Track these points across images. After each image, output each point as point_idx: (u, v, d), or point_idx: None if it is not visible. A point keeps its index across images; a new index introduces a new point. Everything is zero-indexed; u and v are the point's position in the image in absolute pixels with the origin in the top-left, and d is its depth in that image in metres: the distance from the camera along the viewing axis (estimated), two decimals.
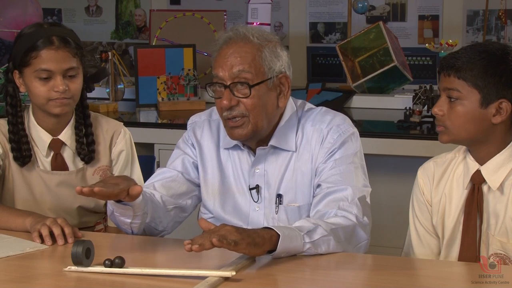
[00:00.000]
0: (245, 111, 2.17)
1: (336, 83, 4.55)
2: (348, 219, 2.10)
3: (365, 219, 2.14)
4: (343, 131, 2.23)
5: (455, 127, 2.05)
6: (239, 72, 2.15)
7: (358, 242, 2.12)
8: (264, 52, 2.17)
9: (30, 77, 2.34)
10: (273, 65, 2.18)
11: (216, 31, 4.56)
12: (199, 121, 2.39)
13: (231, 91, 2.16)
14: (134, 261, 1.92)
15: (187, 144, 2.37)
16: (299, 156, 2.24)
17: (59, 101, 2.34)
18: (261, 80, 2.17)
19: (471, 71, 2.01)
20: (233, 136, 2.21)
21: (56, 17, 5.56)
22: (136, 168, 2.55)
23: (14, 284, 1.84)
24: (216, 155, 2.32)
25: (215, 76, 2.20)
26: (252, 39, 2.18)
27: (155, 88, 4.24)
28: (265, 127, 2.21)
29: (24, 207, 2.38)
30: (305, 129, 2.26)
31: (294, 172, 2.24)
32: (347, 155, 2.21)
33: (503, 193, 2.07)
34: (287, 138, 2.25)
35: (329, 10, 5.03)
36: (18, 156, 2.39)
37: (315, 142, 2.23)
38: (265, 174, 2.26)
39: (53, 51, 2.33)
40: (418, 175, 2.23)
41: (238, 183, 2.29)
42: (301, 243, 1.97)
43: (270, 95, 2.20)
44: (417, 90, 3.76)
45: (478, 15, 4.72)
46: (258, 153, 2.26)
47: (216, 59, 2.20)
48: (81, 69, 2.39)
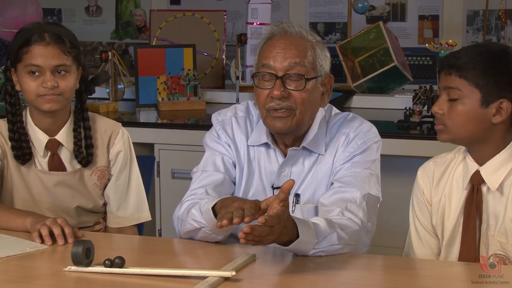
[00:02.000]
0: (294, 104, 2.15)
1: (336, 83, 4.52)
2: (355, 223, 2.09)
3: (369, 225, 2.14)
4: (368, 138, 2.24)
5: (455, 126, 2.05)
6: (295, 64, 2.14)
7: (361, 248, 2.12)
8: (317, 50, 2.18)
9: (21, 72, 2.35)
10: (324, 63, 2.20)
11: (216, 31, 4.57)
12: (226, 118, 2.34)
13: (283, 82, 2.14)
14: (134, 261, 1.92)
15: (221, 144, 2.32)
16: (323, 158, 2.24)
17: (47, 98, 2.33)
18: (314, 75, 2.17)
19: (473, 70, 2.01)
20: (275, 127, 2.18)
21: (56, 17, 5.56)
22: (135, 169, 2.55)
23: (14, 284, 1.84)
24: (247, 151, 2.29)
25: (263, 65, 2.17)
26: (306, 35, 2.18)
27: (155, 88, 4.24)
28: (306, 124, 2.21)
29: (23, 207, 2.38)
30: (332, 133, 2.26)
31: (314, 173, 2.24)
32: (366, 160, 2.21)
33: (502, 193, 2.07)
34: (318, 141, 2.24)
35: (329, 10, 5.03)
36: (19, 154, 2.39)
37: (340, 146, 2.23)
38: (291, 175, 2.25)
39: (43, 47, 2.32)
40: (418, 175, 2.23)
41: (262, 181, 2.27)
42: (310, 249, 1.98)
43: (318, 92, 2.20)
44: (417, 90, 3.76)
45: (478, 15, 4.72)
46: (290, 153, 2.24)
47: (265, 48, 2.18)
48: (75, 68, 2.38)
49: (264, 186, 2.27)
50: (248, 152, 2.29)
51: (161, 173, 3.74)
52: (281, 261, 1.98)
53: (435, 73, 4.42)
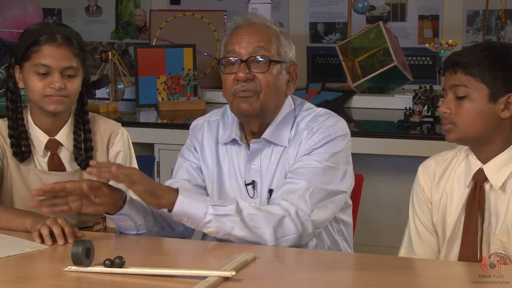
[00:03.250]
0: (258, 87, 2.19)
1: (336, 83, 4.56)
2: (281, 209, 2.09)
3: (311, 216, 2.11)
4: (330, 132, 2.22)
5: (464, 124, 2.03)
6: (259, 48, 2.19)
7: (283, 234, 2.09)
8: (281, 37, 2.24)
9: (29, 71, 2.35)
10: (288, 51, 2.25)
11: (216, 31, 4.57)
12: (198, 124, 2.40)
13: (248, 66, 2.18)
14: (134, 261, 1.92)
15: (190, 150, 2.37)
16: (288, 151, 2.25)
17: (54, 98, 2.34)
18: (279, 59, 2.21)
19: (478, 66, 2.00)
20: (240, 108, 2.20)
21: (56, 17, 5.56)
22: None
23: (14, 284, 1.84)
24: (215, 151, 2.33)
25: (228, 51, 2.22)
26: (271, 25, 2.25)
27: (155, 88, 4.24)
28: (271, 109, 2.23)
29: (22, 206, 2.38)
30: (299, 127, 2.27)
31: (282, 167, 2.25)
32: (325, 153, 2.20)
33: (505, 191, 2.06)
34: (281, 133, 2.25)
35: (329, 10, 5.03)
36: (18, 152, 2.39)
37: (303, 139, 2.23)
38: (260, 169, 2.26)
39: (54, 48, 2.33)
40: (418, 172, 2.22)
41: (234, 179, 2.29)
42: (203, 212, 2.04)
43: (283, 78, 2.24)
44: (417, 90, 3.76)
45: (478, 15, 4.72)
46: (252, 146, 2.26)
47: (231, 36, 2.24)
48: (81, 71, 2.39)
49: (237, 183, 2.29)
50: (218, 152, 2.32)
51: (161, 173, 3.74)
52: (281, 261, 1.98)
53: (435, 73, 4.43)
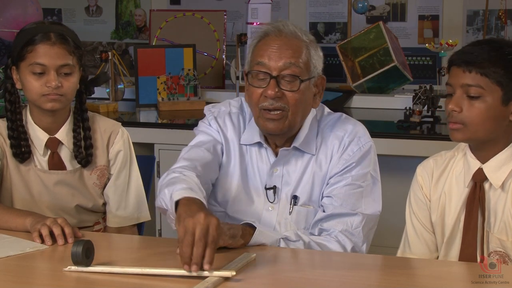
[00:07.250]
0: (286, 105, 2.14)
1: (336, 83, 4.55)
2: (340, 246, 2.13)
3: (363, 248, 2.17)
4: (363, 144, 2.22)
5: (474, 125, 2.01)
6: (290, 64, 2.12)
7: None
8: (311, 50, 2.17)
9: (25, 71, 2.35)
10: (317, 64, 2.19)
11: (216, 31, 4.57)
12: (219, 111, 2.33)
13: (277, 82, 2.13)
14: (134, 261, 1.92)
15: (213, 129, 2.30)
16: (317, 159, 2.23)
17: (50, 97, 2.34)
18: (308, 77, 2.16)
19: (494, 67, 1.98)
20: (267, 128, 2.17)
21: (56, 17, 5.56)
22: (134, 169, 2.55)
23: (14, 284, 1.84)
24: (238, 149, 2.28)
25: (258, 64, 2.15)
26: (301, 35, 2.16)
27: (155, 88, 4.24)
28: (297, 125, 2.20)
29: (22, 206, 2.38)
30: (324, 134, 2.25)
31: (311, 175, 2.23)
32: (363, 173, 2.20)
33: (504, 190, 2.06)
34: (309, 141, 2.23)
35: (329, 10, 5.03)
36: (18, 153, 2.39)
37: (335, 150, 2.22)
38: (283, 175, 2.24)
39: (48, 46, 2.33)
40: (417, 172, 2.22)
41: (254, 182, 2.26)
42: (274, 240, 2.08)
43: (310, 93, 2.19)
44: (417, 90, 3.76)
45: (478, 15, 4.72)
46: (281, 153, 2.23)
47: (260, 47, 2.16)
48: (78, 68, 2.39)
49: (257, 186, 2.26)
50: (241, 149, 2.28)
51: (161, 173, 3.73)
52: (281, 261, 1.98)
53: (435, 73, 4.43)
